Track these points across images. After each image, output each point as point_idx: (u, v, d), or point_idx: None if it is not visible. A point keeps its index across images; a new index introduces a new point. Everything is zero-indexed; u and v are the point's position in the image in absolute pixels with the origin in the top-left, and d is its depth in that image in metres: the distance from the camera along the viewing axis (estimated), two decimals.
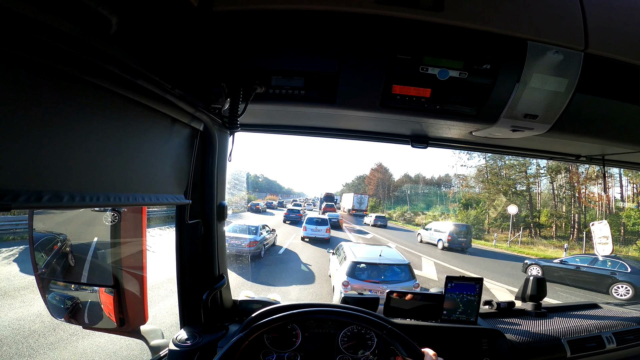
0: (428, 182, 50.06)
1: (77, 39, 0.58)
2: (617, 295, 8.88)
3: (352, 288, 5.93)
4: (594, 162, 1.61)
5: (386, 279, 6.19)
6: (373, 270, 6.29)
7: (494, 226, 28.72)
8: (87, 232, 1.36)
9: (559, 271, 10.25)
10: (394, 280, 6.18)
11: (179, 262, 1.41)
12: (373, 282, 6.08)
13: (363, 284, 6.03)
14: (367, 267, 6.27)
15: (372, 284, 6.06)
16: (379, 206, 50.12)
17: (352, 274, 6.19)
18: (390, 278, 6.22)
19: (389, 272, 6.29)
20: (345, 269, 6.31)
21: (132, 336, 1.41)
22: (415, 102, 0.94)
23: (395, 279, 6.20)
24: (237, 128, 0.97)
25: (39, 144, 0.59)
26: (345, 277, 6.15)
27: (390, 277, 6.24)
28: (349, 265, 6.31)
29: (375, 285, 6.04)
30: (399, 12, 0.80)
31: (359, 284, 5.99)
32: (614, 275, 8.99)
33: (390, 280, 6.16)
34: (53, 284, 1.39)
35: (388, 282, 6.12)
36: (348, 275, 6.16)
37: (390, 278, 6.22)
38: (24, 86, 0.55)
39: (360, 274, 6.23)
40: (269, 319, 1.19)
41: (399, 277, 6.24)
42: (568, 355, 1.56)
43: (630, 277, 8.55)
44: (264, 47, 0.89)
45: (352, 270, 6.22)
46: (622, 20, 0.86)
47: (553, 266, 10.58)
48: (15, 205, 0.54)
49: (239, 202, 24.91)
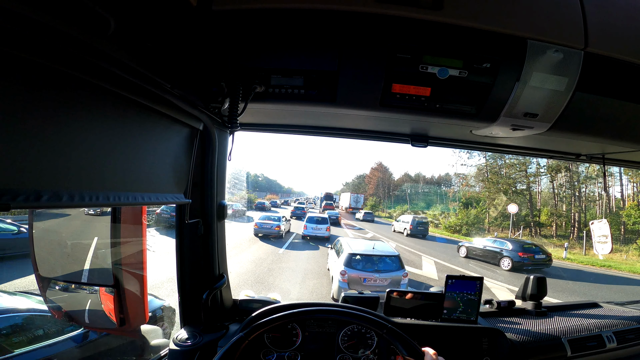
0: (428, 181, 50.10)
1: (75, 39, 0.58)
2: (503, 266, 12.73)
3: (349, 277, 6.58)
4: (594, 161, 1.61)
5: (379, 268, 6.83)
6: (367, 262, 6.91)
7: (494, 225, 28.72)
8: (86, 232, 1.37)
9: (475, 249, 14.62)
10: (385, 270, 6.84)
11: (179, 262, 1.41)
12: (367, 272, 6.70)
13: (359, 273, 6.63)
14: (362, 259, 6.89)
15: (367, 273, 6.68)
16: (379, 205, 50.15)
17: (349, 264, 6.78)
18: (382, 268, 6.86)
19: (381, 263, 6.93)
20: (342, 260, 6.89)
21: (132, 336, 1.41)
22: (415, 101, 0.94)
23: (387, 269, 6.87)
24: (237, 127, 0.97)
25: (38, 143, 0.59)
26: (342, 267, 6.72)
27: (383, 267, 6.88)
28: (346, 257, 6.90)
29: (369, 274, 6.67)
30: (398, 11, 0.80)
31: (355, 274, 6.61)
32: (502, 252, 13.06)
33: (382, 270, 6.81)
34: (53, 283, 1.39)
35: (380, 271, 6.78)
36: (345, 266, 6.73)
37: (382, 268, 6.86)
38: (22, 86, 0.55)
39: (356, 264, 6.82)
40: (269, 319, 1.19)
41: (390, 267, 6.92)
42: (568, 355, 1.56)
43: (510, 253, 12.79)
44: (263, 46, 0.89)
45: (349, 261, 6.82)
46: (622, 19, 0.85)
47: (472, 246, 14.95)
48: (14, 204, 0.54)
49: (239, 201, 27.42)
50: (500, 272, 12.24)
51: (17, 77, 0.54)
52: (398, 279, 6.78)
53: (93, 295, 1.38)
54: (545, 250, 13.36)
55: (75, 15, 0.55)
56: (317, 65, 0.90)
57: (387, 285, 6.59)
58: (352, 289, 6.42)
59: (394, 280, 6.73)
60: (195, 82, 0.90)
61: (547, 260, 12.78)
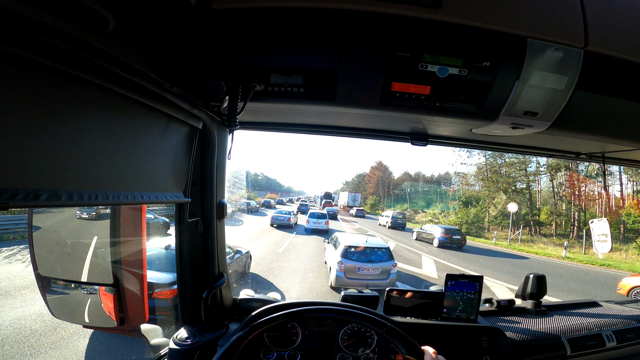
0: (428, 180, 50.17)
1: (74, 37, 0.58)
2: (434, 244, 17.51)
3: (345, 267, 7.53)
4: (593, 160, 1.61)
5: (371, 259, 7.78)
6: (361, 253, 7.88)
7: (494, 224, 28.76)
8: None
9: (421, 233, 19.75)
10: (377, 260, 7.78)
11: (179, 261, 1.41)
12: (361, 262, 7.68)
13: (354, 263, 7.60)
14: (356, 251, 7.86)
15: (361, 263, 7.65)
16: (379, 204, 50.25)
17: (345, 255, 7.74)
18: (374, 259, 7.80)
19: (373, 255, 7.89)
20: (339, 252, 7.89)
21: (132, 335, 1.41)
22: (414, 99, 0.94)
23: (378, 259, 7.82)
24: (236, 126, 0.96)
25: (37, 142, 0.59)
26: (340, 258, 7.69)
27: (375, 258, 7.81)
28: (342, 249, 7.88)
29: (363, 264, 7.63)
30: (398, 9, 0.79)
31: (350, 264, 7.57)
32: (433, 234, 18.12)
33: (374, 260, 7.76)
34: (53, 282, 1.39)
35: (373, 261, 7.73)
36: (342, 257, 7.70)
37: (374, 259, 7.80)
38: (20, 85, 0.55)
39: (351, 255, 7.77)
40: (268, 318, 1.19)
41: (381, 258, 7.88)
42: (568, 354, 1.56)
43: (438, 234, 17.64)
44: (262, 45, 0.88)
45: (345, 253, 7.79)
46: (622, 18, 0.85)
47: (419, 231, 20.12)
48: (13, 203, 0.54)
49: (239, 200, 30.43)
50: (431, 248, 16.89)
51: (16, 76, 0.54)
52: (388, 268, 7.68)
53: (93, 295, 1.38)
54: (461, 232, 18.87)
55: (74, 14, 0.55)
56: (316, 63, 0.90)
57: (378, 274, 7.62)
58: (348, 277, 7.46)
59: (385, 270, 7.64)
60: (194, 80, 0.90)
61: (461, 240, 17.74)
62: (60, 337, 4.47)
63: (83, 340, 4.43)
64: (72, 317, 1.51)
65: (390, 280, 7.62)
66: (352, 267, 7.51)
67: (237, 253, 8.02)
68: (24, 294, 5.83)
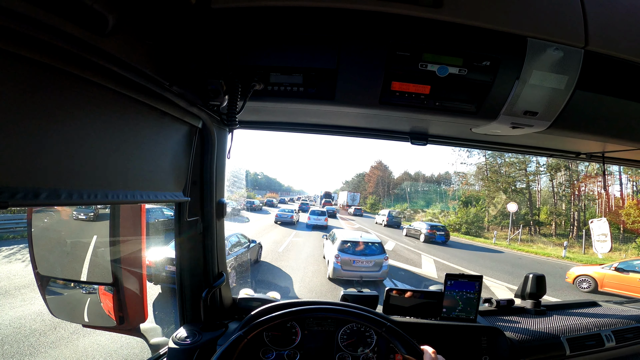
0: (428, 179, 50.25)
1: (73, 36, 0.57)
2: (421, 239, 19.09)
3: (342, 259, 8.30)
4: (593, 160, 1.61)
5: (365, 253, 8.59)
6: (356, 247, 8.68)
7: (493, 224, 28.79)
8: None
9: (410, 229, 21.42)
10: (371, 254, 8.57)
11: (179, 260, 1.41)
12: (356, 255, 8.44)
13: (350, 256, 8.38)
14: (352, 245, 8.68)
15: (356, 256, 8.42)
16: (379, 204, 50.31)
17: (341, 249, 8.55)
18: (368, 252, 8.62)
19: (367, 249, 8.71)
20: (336, 246, 8.67)
21: (131, 334, 1.41)
22: (414, 98, 0.94)
23: (372, 253, 8.62)
24: (236, 125, 0.96)
25: (36, 141, 0.59)
26: (337, 251, 8.48)
27: (368, 252, 8.64)
28: (339, 243, 8.70)
29: (358, 257, 8.40)
30: (398, 9, 0.79)
31: (347, 257, 8.34)
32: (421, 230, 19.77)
33: (368, 254, 8.56)
34: (52, 282, 1.38)
35: (367, 254, 8.53)
36: (339, 250, 8.50)
37: (368, 252, 8.62)
38: (20, 84, 0.55)
39: (347, 249, 8.57)
40: (268, 317, 1.19)
41: (374, 251, 8.68)
42: (567, 354, 1.56)
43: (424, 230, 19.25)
44: (262, 44, 0.88)
45: (342, 247, 8.60)
46: (622, 18, 0.85)
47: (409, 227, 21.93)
48: (12, 202, 0.54)
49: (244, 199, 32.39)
50: (418, 242, 18.48)
51: (15, 75, 0.54)
52: (380, 261, 8.46)
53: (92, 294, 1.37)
54: (445, 228, 20.33)
55: (73, 13, 0.54)
56: (316, 63, 0.90)
57: (372, 266, 8.37)
58: (345, 269, 8.20)
59: (377, 262, 8.42)
60: (194, 79, 0.89)
61: (444, 235, 19.34)
62: (59, 337, 4.47)
63: (82, 339, 4.43)
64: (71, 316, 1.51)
65: (382, 272, 8.37)
66: (348, 260, 8.29)
67: (252, 242, 9.37)
68: (24, 293, 5.83)
